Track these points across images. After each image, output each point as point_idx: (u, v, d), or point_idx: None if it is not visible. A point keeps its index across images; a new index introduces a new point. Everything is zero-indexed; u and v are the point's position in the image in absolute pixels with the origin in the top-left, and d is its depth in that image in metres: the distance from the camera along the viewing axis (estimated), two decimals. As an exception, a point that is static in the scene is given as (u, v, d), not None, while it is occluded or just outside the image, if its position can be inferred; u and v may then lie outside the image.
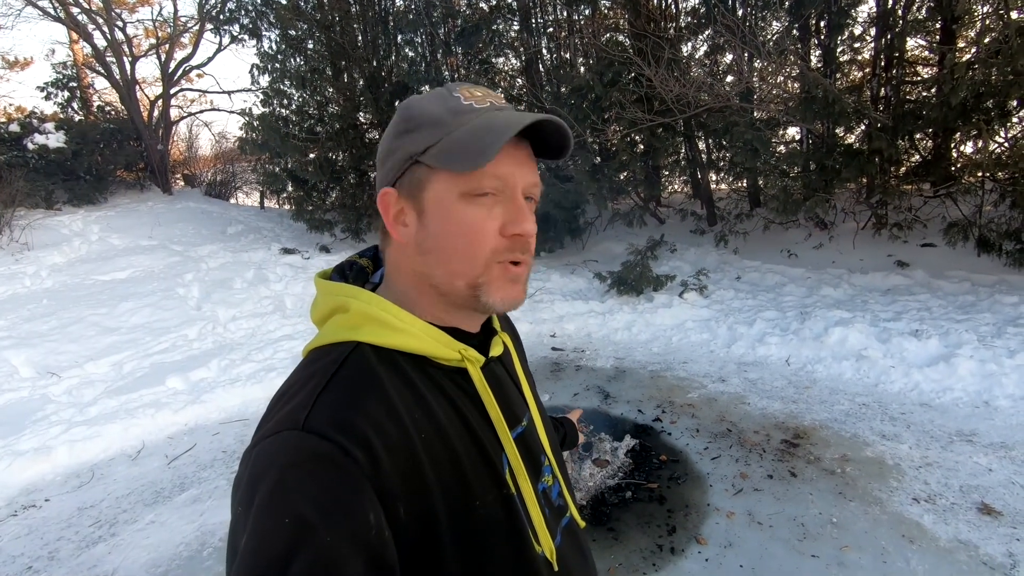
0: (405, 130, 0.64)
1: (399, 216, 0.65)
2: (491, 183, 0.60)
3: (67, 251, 7.66)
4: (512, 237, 0.62)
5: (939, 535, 2.29)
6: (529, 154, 0.64)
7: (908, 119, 5.40)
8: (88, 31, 11.34)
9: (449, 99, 0.63)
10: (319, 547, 0.46)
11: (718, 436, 3.25)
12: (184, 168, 14.20)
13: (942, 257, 5.73)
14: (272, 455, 0.51)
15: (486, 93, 0.65)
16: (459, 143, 0.60)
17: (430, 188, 0.62)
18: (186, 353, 5.04)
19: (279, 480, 0.49)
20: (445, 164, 0.60)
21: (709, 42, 7.42)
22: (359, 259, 0.74)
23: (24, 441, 3.56)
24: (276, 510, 0.47)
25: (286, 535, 0.46)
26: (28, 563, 2.58)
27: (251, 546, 0.46)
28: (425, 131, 0.62)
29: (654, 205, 8.93)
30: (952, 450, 2.89)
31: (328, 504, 0.48)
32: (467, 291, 0.63)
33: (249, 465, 0.52)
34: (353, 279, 0.70)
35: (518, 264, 0.64)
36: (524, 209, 0.62)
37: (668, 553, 2.32)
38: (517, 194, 0.62)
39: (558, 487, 0.75)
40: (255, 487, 0.49)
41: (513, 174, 0.62)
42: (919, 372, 3.68)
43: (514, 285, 0.64)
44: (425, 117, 0.63)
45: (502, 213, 0.62)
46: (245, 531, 0.48)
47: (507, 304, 0.64)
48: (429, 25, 8.72)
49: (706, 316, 5.27)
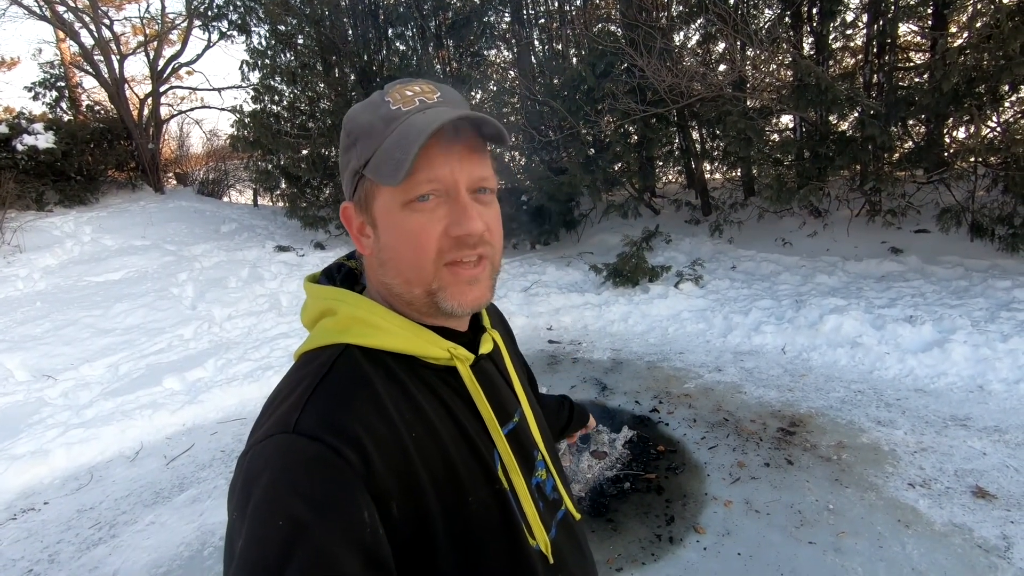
0: (348, 145, 0.64)
1: (361, 229, 0.65)
2: (428, 187, 0.59)
3: (59, 253, 7.61)
4: (458, 237, 0.60)
5: (934, 519, 2.31)
6: (471, 145, 0.61)
7: (901, 105, 5.39)
8: (75, 29, 11.20)
9: (380, 106, 0.62)
10: (314, 547, 0.46)
11: (715, 425, 3.27)
12: (176, 167, 14.09)
13: (935, 243, 5.75)
14: (265, 459, 0.51)
15: (419, 90, 0.63)
16: (385, 156, 0.58)
17: (377, 201, 0.62)
18: (182, 353, 5.02)
19: (272, 483, 0.49)
20: (378, 179, 0.59)
21: (701, 31, 7.39)
22: (347, 261, 0.75)
23: (21, 445, 3.55)
24: (270, 512, 0.48)
25: (281, 536, 0.46)
26: (28, 566, 2.58)
27: (247, 549, 0.47)
28: (361, 144, 0.62)
29: (648, 196, 8.92)
30: (947, 435, 2.91)
31: (321, 504, 0.48)
32: (425, 298, 0.62)
33: (243, 470, 0.52)
34: (341, 282, 0.71)
35: (477, 263, 0.63)
36: (468, 208, 0.60)
37: (667, 543, 2.33)
38: (459, 193, 0.60)
39: (552, 481, 0.76)
40: (249, 491, 0.50)
41: (452, 173, 0.60)
42: (913, 358, 3.70)
43: (471, 287, 0.63)
44: (360, 129, 0.62)
45: (446, 214, 0.60)
46: (241, 535, 0.48)
47: (467, 306, 0.63)
48: (420, 18, 8.65)
49: (702, 306, 5.28)
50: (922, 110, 5.30)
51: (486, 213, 0.62)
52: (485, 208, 0.63)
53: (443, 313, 0.63)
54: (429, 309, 0.63)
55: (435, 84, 0.65)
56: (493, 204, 0.65)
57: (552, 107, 7.32)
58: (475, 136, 0.62)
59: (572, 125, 7.05)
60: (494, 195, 0.66)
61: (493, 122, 0.60)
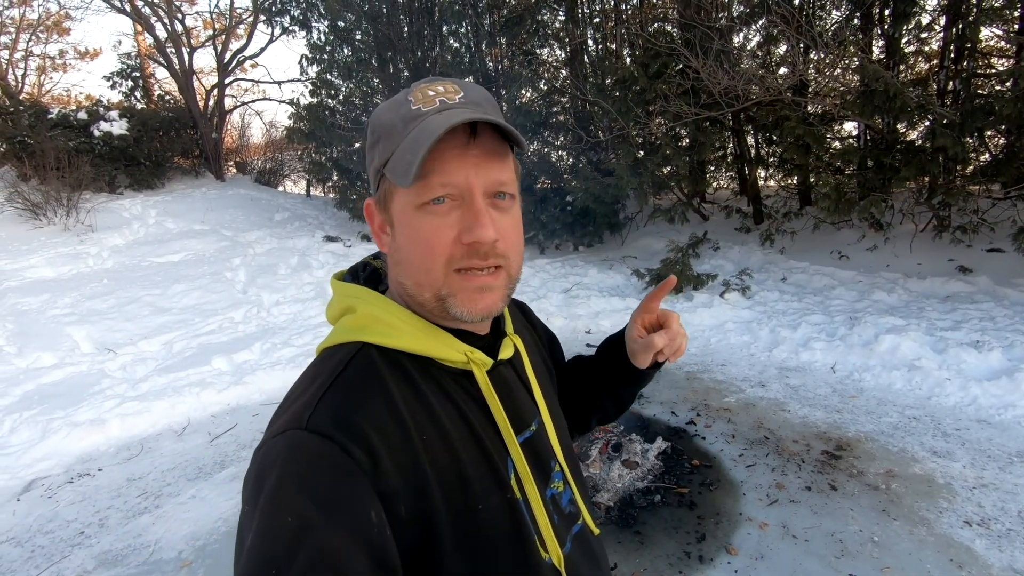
0: (372, 143, 0.64)
1: (382, 227, 0.65)
2: (442, 190, 0.58)
3: (127, 233, 8.08)
4: (469, 245, 0.58)
5: (992, 562, 2.15)
6: (490, 149, 0.59)
7: (978, 115, 5.03)
8: (151, 23, 11.86)
9: (402, 105, 0.61)
10: (321, 544, 0.47)
11: (754, 443, 3.14)
12: (236, 156, 14.73)
13: (1010, 264, 5.35)
14: (276, 454, 0.53)
15: (440, 91, 0.61)
16: (400, 157, 0.57)
17: (394, 200, 0.61)
18: (231, 335, 5.24)
19: (282, 478, 0.50)
20: (392, 179, 0.59)
21: (762, 32, 7.12)
22: (373, 260, 0.75)
23: (82, 412, 3.79)
24: (279, 508, 0.49)
25: (289, 532, 0.47)
26: (81, 528, 2.75)
27: (256, 543, 0.48)
28: (383, 143, 0.61)
29: (698, 201, 8.68)
30: (1011, 472, 2.70)
31: (329, 502, 0.49)
32: (435, 302, 0.61)
33: (256, 463, 0.53)
34: (365, 280, 0.71)
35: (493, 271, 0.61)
36: (481, 214, 0.58)
37: (696, 561, 2.26)
38: (474, 198, 0.58)
39: (569, 493, 0.74)
40: (260, 485, 0.51)
41: (467, 177, 0.58)
42: (978, 386, 3.45)
43: (482, 295, 0.61)
44: (383, 127, 0.61)
45: (459, 219, 0.58)
46: (251, 528, 0.49)
47: (477, 314, 0.61)
48: (474, 15, 8.71)
49: (748, 318, 5.10)
50: (1002, 120, 4.93)
51: (502, 220, 0.60)
52: (501, 215, 0.60)
53: (452, 319, 0.62)
54: (439, 313, 0.62)
55: (460, 84, 0.63)
56: (511, 211, 0.63)
57: (602, 107, 7.22)
58: (496, 139, 0.60)
59: (622, 126, 6.93)
60: (514, 201, 0.63)
61: (502, 124, 0.58)
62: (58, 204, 7.95)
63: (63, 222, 7.94)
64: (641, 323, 0.81)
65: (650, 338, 0.77)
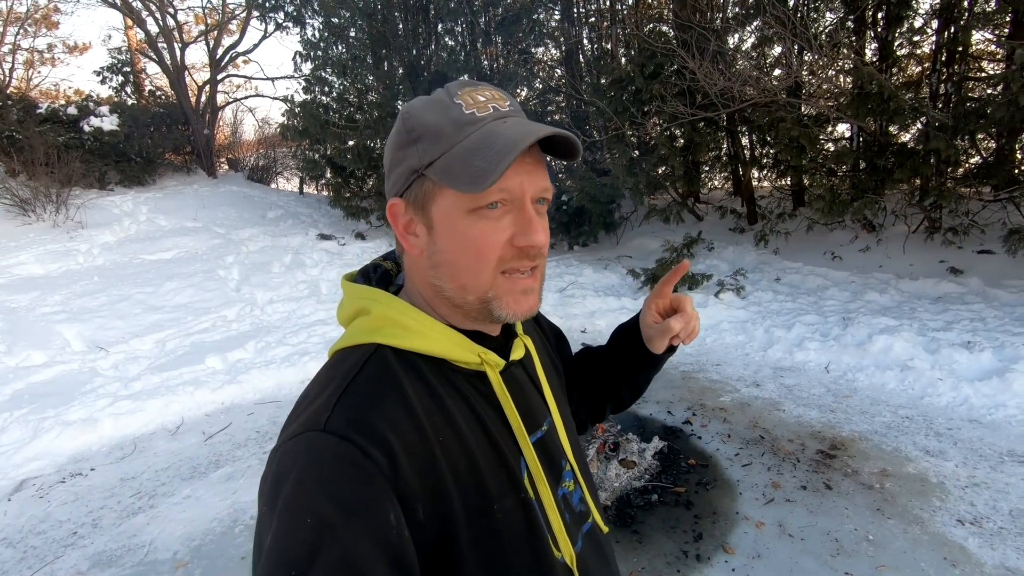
0: (407, 141, 0.62)
1: (409, 226, 0.64)
2: (499, 195, 0.59)
3: (117, 230, 8.00)
4: (522, 247, 0.60)
5: (984, 560, 2.17)
6: (538, 158, 0.62)
7: (970, 118, 5.08)
8: (142, 17, 11.74)
9: (451, 108, 0.60)
10: (340, 546, 0.47)
11: (750, 442, 3.16)
12: (228, 152, 14.63)
13: (1000, 265, 5.41)
14: (295, 456, 0.52)
15: (489, 97, 0.62)
16: (461, 161, 0.58)
17: (437, 203, 0.61)
18: (225, 334, 5.20)
19: (301, 480, 0.50)
20: (449, 183, 0.58)
21: (757, 34, 7.16)
22: (383, 262, 0.75)
23: (73, 412, 3.75)
24: (298, 510, 0.48)
25: (308, 534, 0.47)
26: (74, 528, 2.72)
27: (275, 545, 0.48)
28: (426, 143, 0.60)
29: (692, 201, 8.72)
30: (1003, 471, 2.74)
31: (349, 504, 0.49)
32: (479, 304, 0.62)
33: (274, 465, 0.53)
34: (377, 282, 0.71)
35: (532, 273, 0.63)
36: (534, 220, 0.60)
37: (693, 560, 2.27)
38: (526, 204, 0.60)
39: (580, 492, 0.75)
40: (279, 487, 0.51)
41: (521, 184, 0.60)
42: (969, 386, 3.49)
43: (526, 296, 0.63)
44: (425, 128, 0.61)
45: (512, 223, 0.60)
46: (270, 530, 0.49)
47: (520, 315, 0.63)
48: (470, 14, 8.69)
49: (742, 317, 5.13)
50: (994, 123, 4.99)
51: (542, 223, 0.63)
52: (541, 219, 0.63)
53: (494, 320, 0.64)
54: (479, 315, 0.63)
55: (501, 90, 0.64)
56: (545, 215, 0.66)
57: (598, 107, 7.23)
58: (539, 149, 0.63)
59: (617, 126, 6.95)
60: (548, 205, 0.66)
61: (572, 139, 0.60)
62: (47, 200, 7.86)
63: (52, 219, 7.85)
64: (655, 308, 0.83)
65: (667, 323, 0.79)
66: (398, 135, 0.64)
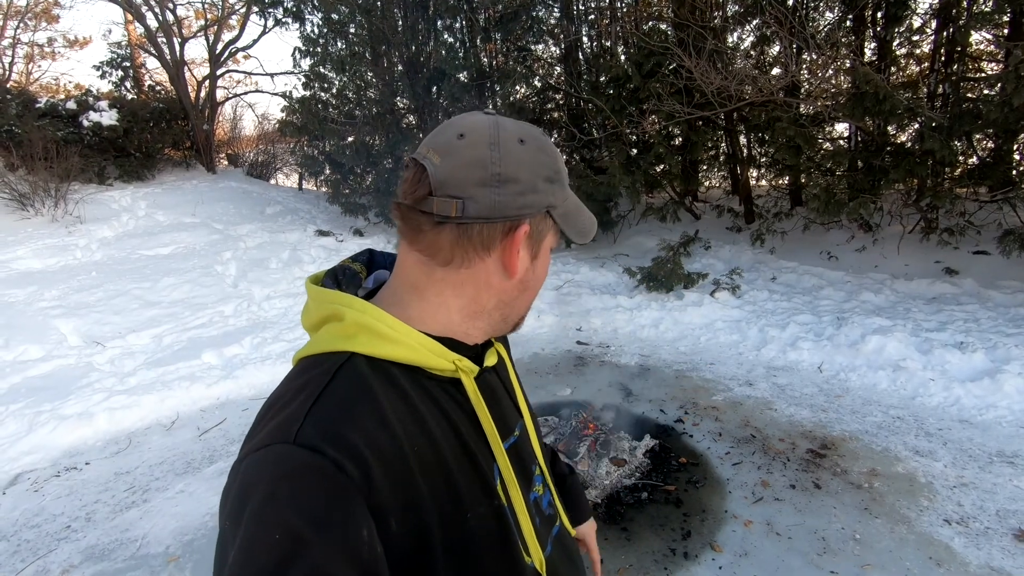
0: (550, 178, 0.65)
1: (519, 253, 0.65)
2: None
3: (116, 225, 8.00)
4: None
5: (969, 560, 2.19)
6: None
7: (966, 118, 5.09)
8: (141, 12, 11.71)
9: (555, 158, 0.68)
10: (312, 562, 0.45)
11: (741, 441, 3.18)
12: (228, 148, 14.61)
13: (995, 266, 5.43)
14: (262, 468, 0.50)
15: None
16: (575, 215, 0.71)
17: (546, 240, 0.69)
18: (221, 329, 5.21)
19: (270, 494, 0.48)
20: (565, 229, 0.69)
21: (756, 33, 7.15)
22: (352, 264, 0.74)
23: (69, 406, 3.76)
24: (267, 524, 0.46)
25: (277, 549, 0.45)
26: (67, 522, 2.74)
27: (240, 560, 0.46)
28: (557, 186, 0.67)
29: (690, 200, 8.73)
30: (991, 471, 2.76)
31: (321, 519, 0.47)
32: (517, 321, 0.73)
33: (239, 477, 0.51)
34: (346, 285, 0.69)
35: None
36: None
37: (681, 558, 2.29)
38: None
39: (549, 496, 0.76)
40: (245, 500, 0.48)
41: None
42: (961, 387, 3.51)
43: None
44: (559, 174, 0.68)
45: None
46: (234, 545, 0.47)
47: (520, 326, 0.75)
48: (469, 11, 8.67)
49: (737, 317, 5.14)
50: (990, 124, 4.99)
51: None
52: None
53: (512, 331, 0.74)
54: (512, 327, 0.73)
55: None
56: None
57: (596, 105, 7.23)
58: None
59: (615, 124, 6.95)
60: None
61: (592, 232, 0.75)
62: (46, 195, 7.86)
63: (51, 213, 7.85)
64: None
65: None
66: (544, 167, 0.64)
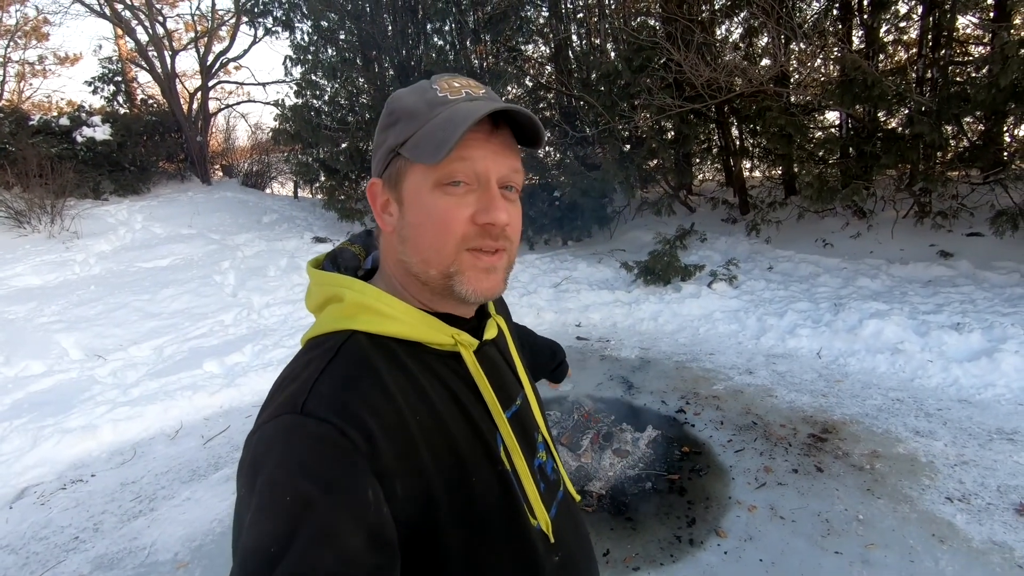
0: (389, 124, 0.66)
1: (385, 206, 0.67)
2: (463, 173, 0.61)
3: (113, 239, 8.01)
4: (483, 225, 0.62)
5: (972, 536, 2.21)
6: (507, 143, 0.64)
7: (953, 101, 5.11)
8: (131, 26, 11.73)
9: (427, 91, 0.64)
10: (320, 523, 0.48)
11: (743, 429, 3.20)
12: (222, 159, 14.63)
13: (989, 247, 5.45)
14: (272, 437, 0.53)
15: (464, 83, 0.66)
16: (427, 135, 0.61)
17: (408, 179, 0.63)
18: (222, 338, 5.22)
19: (280, 461, 0.51)
20: (415, 157, 0.61)
21: (744, 24, 7.18)
22: (350, 245, 0.77)
23: (73, 419, 3.77)
24: (278, 489, 0.49)
25: (288, 512, 0.48)
26: (75, 533, 2.75)
27: (255, 524, 0.49)
28: (403, 124, 0.63)
29: (684, 193, 8.75)
30: (991, 448, 2.78)
31: (327, 483, 0.50)
32: (441, 280, 0.64)
33: (251, 448, 0.54)
34: (344, 267, 0.73)
35: (494, 253, 0.64)
36: (497, 198, 0.62)
37: (687, 544, 2.31)
38: (491, 184, 0.63)
39: (552, 463, 0.78)
40: (257, 468, 0.52)
41: (486, 163, 0.62)
42: (959, 367, 3.53)
43: (488, 275, 0.65)
44: (404, 110, 0.64)
45: (475, 202, 0.62)
46: (249, 510, 0.50)
47: (481, 294, 0.65)
48: (458, 13, 8.69)
49: (735, 307, 5.16)
50: (978, 107, 5.01)
51: (510, 208, 0.65)
52: (510, 204, 0.65)
53: (455, 298, 0.65)
54: (443, 292, 0.65)
55: (479, 81, 0.69)
56: (517, 203, 0.68)
57: (587, 102, 7.25)
58: (511, 136, 0.65)
59: (607, 120, 6.97)
60: (519, 195, 0.68)
61: (534, 120, 0.63)
62: (42, 211, 7.87)
63: (48, 229, 7.86)
64: None
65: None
66: (382, 119, 0.67)
